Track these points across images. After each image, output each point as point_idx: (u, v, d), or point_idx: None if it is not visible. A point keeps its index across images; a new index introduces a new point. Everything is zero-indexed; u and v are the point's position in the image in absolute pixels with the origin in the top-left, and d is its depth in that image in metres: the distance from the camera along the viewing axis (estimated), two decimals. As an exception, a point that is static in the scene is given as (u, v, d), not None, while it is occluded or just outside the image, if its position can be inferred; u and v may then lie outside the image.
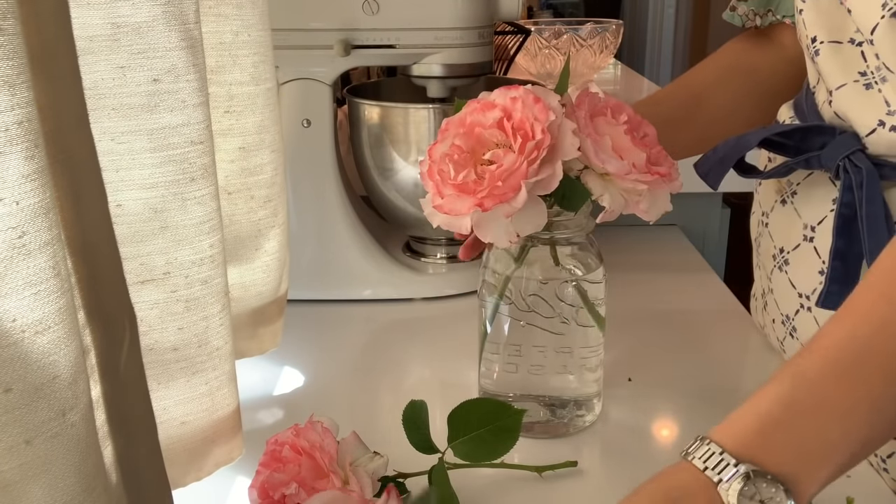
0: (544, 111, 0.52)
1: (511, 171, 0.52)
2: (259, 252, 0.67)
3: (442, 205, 0.55)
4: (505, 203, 0.52)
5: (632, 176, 0.54)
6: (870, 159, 0.57)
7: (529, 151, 0.51)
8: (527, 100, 0.53)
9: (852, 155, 0.57)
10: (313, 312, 0.88)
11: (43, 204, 0.32)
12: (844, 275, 0.58)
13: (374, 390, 0.73)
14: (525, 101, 0.53)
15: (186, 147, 0.48)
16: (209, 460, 0.55)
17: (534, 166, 0.52)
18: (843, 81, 0.58)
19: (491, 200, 0.52)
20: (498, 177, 0.52)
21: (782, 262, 0.68)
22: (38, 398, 0.32)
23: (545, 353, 0.63)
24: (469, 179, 0.53)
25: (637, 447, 0.64)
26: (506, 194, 0.52)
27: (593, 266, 0.62)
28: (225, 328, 0.54)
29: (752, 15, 0.77)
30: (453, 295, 0.91)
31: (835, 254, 0.59)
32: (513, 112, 0.53)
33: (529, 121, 0.52)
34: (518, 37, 1.27)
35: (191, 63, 0.47)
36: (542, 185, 0.53)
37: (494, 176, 0.52)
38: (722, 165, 0.65)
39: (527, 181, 0.52)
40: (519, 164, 0.52)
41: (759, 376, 0.74)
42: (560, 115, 0.53)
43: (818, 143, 0.61)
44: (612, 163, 0.54)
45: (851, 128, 0.59)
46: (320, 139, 0.86)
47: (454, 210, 0.54)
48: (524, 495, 0.58)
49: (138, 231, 0.48)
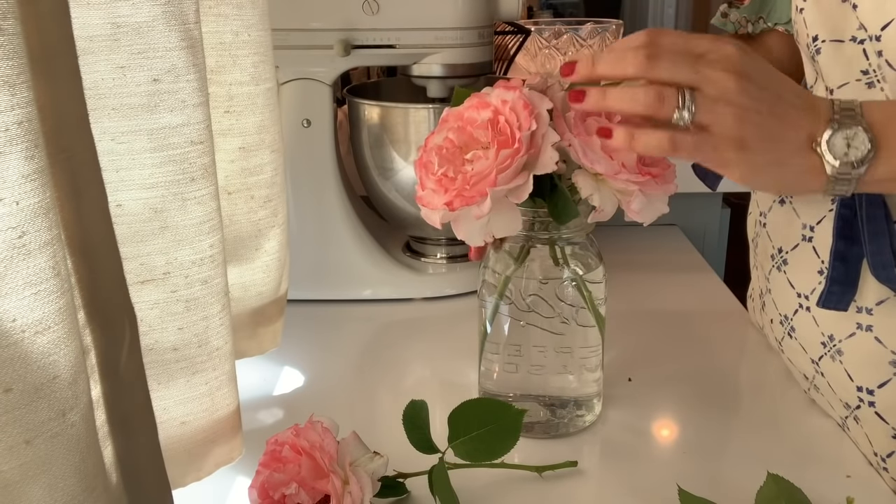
0: (528, 119, 0.52)
1: (481, 176, 0.52)
2: (259, 252, 0.67)
3: (422, 196, 0.55)
4: (473, 206, 0.52)
5: (622, 176, 0.54)
6: None
7: (502, 160, 0.52)
8: (516, 104, 0.53)
9: None
10: (313, 312, 0.88)
11: (43, 204, 0.32)
12: (845, 275, 0.58)
13: (374, 390, 0.73)
14: (514, 105, 0.53)
15: (186, 147, 0.48)
16: (209, 460, 0.55)
17: (504, 174, 0.52)
18: (845, 80, 0.58)
19: (459, 202, 0.52)
20: (468, 180, 0.52)
21: (781, 262, 0.68)
22: (38, 398, 0.32)
23: (545, 353, 0.63)
24: (446, 175, 0.53)
25: (637, 447, 0.63)
26: (472, 198, 0.52)
27: (593, 266, 0.63)
28: (225, 328, 0.54)
29: (744, 22, 0.77)
30: (453, 295, 0.91)
31: (835, 254, 0.59)
32: (500, 115, 0.53)
33: (512, 127, 0.52)
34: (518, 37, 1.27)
35: (191, 63, 0.47)
36: (513, 194, 0.53)
37: (466, 178, 0.52)
38: None
39: (494, 189, 0.52)
40: (489, 170, 0.52)
41: (759, 376, 0.74)
42: (544, 125, 0.53)
43: None
44: (601, 163, 0.54)
45: None
46: (320, 139, 0.86)
47: (430, 203, 0.54)
48: (524, 495, 0.58)
49: (138, 231, 0.48)
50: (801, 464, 0.60)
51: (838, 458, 0.61)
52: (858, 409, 0.61)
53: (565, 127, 0.54)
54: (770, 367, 0.74)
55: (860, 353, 0.60)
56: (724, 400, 0.70)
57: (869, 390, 0.60)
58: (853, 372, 0.61)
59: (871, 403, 0.60)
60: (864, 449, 0.62)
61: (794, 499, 0.53)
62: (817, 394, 0.67)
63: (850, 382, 0.61)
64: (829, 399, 0.65)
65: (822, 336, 0.63)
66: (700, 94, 0.48)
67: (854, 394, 0.61)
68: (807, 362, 0.66)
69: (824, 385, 0.65)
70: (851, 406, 0.62)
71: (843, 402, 0.63)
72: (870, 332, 0.58)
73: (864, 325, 0.59)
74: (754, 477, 0.55)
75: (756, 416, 0.67)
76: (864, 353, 0.59)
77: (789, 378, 0.72)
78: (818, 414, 0.67)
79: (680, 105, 0.48)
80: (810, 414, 0.67)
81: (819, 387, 0.66)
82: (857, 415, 0.62)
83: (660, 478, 0.59)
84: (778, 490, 0.53)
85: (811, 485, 0.54)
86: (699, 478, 0.59)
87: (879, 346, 0.58)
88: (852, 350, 0.60)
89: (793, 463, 0.60)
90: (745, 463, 0.60)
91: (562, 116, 0.55)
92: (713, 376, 0.74)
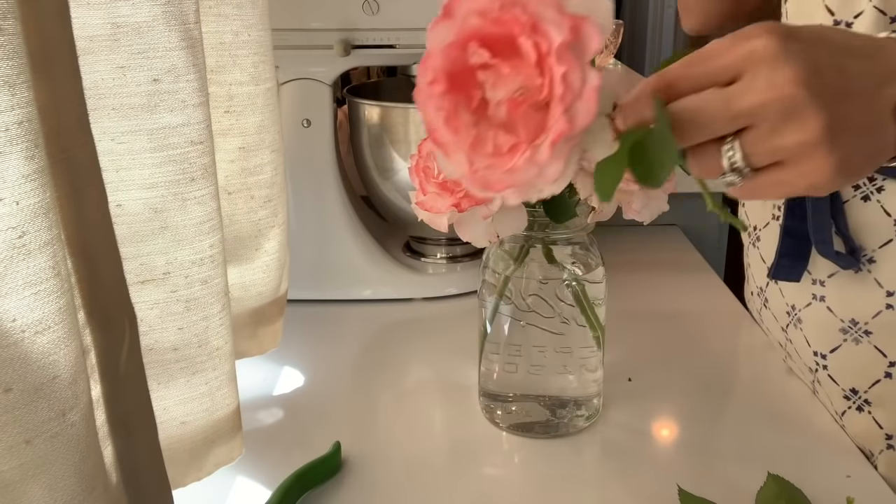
0: None
1: None
2: (259, 252, 0.67)
3: (424, 201, 0.55)
4: (482, 205, 0.52)
5: None
6: None
7: None
8: None
9: None
10: (313, 312, 0.88)
11: (43, 204, 0.32)
12: (795, 249, 0.63)
13: (374, 390, 0.73)
14: None
15: (186, 147, 0.48)
16: (209, 460, 0.55)
17: None
18: None
19: (468, 202, 0.52)
20: None
21: (755, 238, 0.72)
22: (38, 398, 0.32)
23: (545, 353, 0.63)
24: (449, 179, 0.53)
25: (637, 447, 0.63)
26: None
27: (593, 266, 0.63)
28: (225, 328, 0.54)
29: None
30: (453, 295, 0.91)
31: (785, 230, 0.63)
32: None
33: None
34: (518, 37, 1.27)
35: (191, 63, 0.47)
36: None
37: None
38: None
39: None
40: None
41: (759, 375, 0.74)
42: None
43: None
44: None
45: None
46: (320, 139, 0.86)
47: (434, 207, 0.54)
48: (524, 495, 0.58)
49: (138, 231, 0.48)
50: (801, 464, 0.60)
51: (838, 458, 0.61)
52: (817, 373, 0.66)
53: None
54: (771, 367, 0.74)
55: (815, 322, 0.64)
56: (724, 400, 0.70)
57: (822, 355, 0.64)
58: (811, 338, 0.65)
59: (824, 367, 0.65)
60: (829, 410, 0.67)
61: (794, 499, 0.53)
62: (790, 361, 0.72)
63: (808, 348, 0.66)
64: (797, 365, 0.71)
65: (786, 306, 0.68)
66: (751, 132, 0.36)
67: (812, 359, 0.66)
68: (778, 330, 0.72)
69: (793, 351, 0.70)
70: (813, 370, 0.67)
71: (807, 367, 0.68)
72: (822, 303, 0.63)
73: (818, 296, 0.63)
74: (754, 477, 0.55)
75: (756, 417, 0.67)
76: (819, 322, 0.64)
77: (789, 377, 0.72)
78: (819, 413, 0.67)
79: (727, 167, 0.37)
80: (811, 413, 0.67)
81: (790, 354, 0.71)
82: (818, 378, 0.67)
83: (660, 478, 0.59)
84: (778, 490, 0.53)
85: (811, 485, 0.54)
86: (699, 478, 0.59)
87: (830, 314, 0.62)
88: (809, 318, 0.65)
89: (793, 463, 0.60)
90: (745, 463, 0.60)
91: None
92: (713, 376, 0.74)
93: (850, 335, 0.61)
